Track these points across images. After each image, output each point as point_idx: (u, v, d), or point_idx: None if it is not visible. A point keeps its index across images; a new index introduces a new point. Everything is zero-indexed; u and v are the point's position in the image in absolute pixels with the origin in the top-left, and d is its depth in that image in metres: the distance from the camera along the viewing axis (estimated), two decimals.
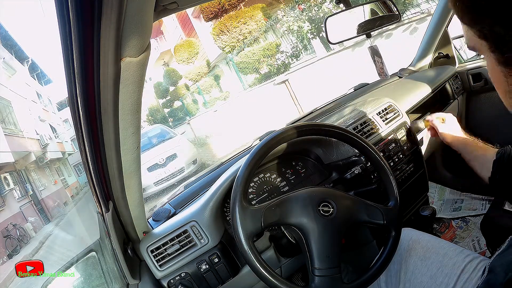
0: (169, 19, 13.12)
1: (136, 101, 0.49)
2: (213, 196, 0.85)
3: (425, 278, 0.71)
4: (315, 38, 6.07)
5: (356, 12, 1.08)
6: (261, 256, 0.65)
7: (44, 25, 34.37)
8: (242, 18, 7.63)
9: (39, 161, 13.57)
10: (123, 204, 0.70)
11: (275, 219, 0.68)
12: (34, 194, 12.14)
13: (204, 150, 8.72)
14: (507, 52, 0.35)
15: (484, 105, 1.48)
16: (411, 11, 5.06)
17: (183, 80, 12.43)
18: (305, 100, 5.72)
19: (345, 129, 0.80)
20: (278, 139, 0.74)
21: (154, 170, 5.70)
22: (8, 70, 13.43)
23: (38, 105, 16.84)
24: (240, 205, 0.67)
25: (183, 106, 12.53)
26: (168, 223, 0.87)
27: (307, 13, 5.88)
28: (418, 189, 1.23)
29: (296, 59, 6.68)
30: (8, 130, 11.50)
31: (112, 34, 0.36)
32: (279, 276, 0.64)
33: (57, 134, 18.45)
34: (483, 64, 1.42)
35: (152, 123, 15.08)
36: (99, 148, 0.53)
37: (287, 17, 6.20)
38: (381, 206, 0.73)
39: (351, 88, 1.52)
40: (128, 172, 0.62)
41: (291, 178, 1.02)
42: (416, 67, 1.58)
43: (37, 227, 10.55)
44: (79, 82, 0.40)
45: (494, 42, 0.35)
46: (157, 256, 0.81)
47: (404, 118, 1.15)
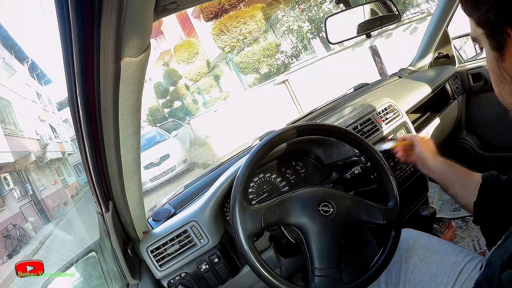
0: (169, 19, 13.11)
1: (136, 101, 0.49)
2: (213, 196, 0.85)
3: (424, 278, 0.71)
4: (315, 38, 6.07)
5: (356, 12, 1.08)
6: (261, 256, 0.65)
7: (44, 25, 34.43)
8: (242, 18, 7.62)
9: (39, 161, 13.56)
10: (123, 204, 0.70)
11: (275, 219, 0.68)
12: (34, 194, 12.14)
13: (204, 150, 8.72)
14: (498, 35, 0.40)
15: (484, 105, 1.48)
16: (411, 11, 5.06)
17: (183, 80, 12.42)
18: (305, 100, 5.72)
19: (345, 129, 0.80)
20: (278, 139, 0.74)
21: (149, 168, 6.57)
22: (8, 70, 13.43)
23: (38, 105, 16.84)
24: (240, 205, 0.67)
25: (183, 106, 12.54)
26: (168, 223, 0.87)
27: (307, 13, 5.88)
28: (418, 189, 1.23)
29: (296, 59, 6.68)
30: (8, 130, 11.50)
31: (112, 34, 0.36)
32: (279, 276, 0.64)
33: (57, 134, 18.45)
34: (483, 64, 1.42)
35: (152, 123, 15.08)
36: (99, 148, 0.53)
37: (287, 17, 6.19)
38: (381, 206, 0.73)
39: (351, 88, 1.52)
40: (128, 172, 0.62)
41: (291, 178, 1.02)
42: (416, 67, 1.58)
43: (37, 227, 10.54)
44: (79, 82, 0.40)
45: (489, 29, 0.40)
46: (157, 256, 0.81)
47: (404, 118, 1.15)
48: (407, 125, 1.15)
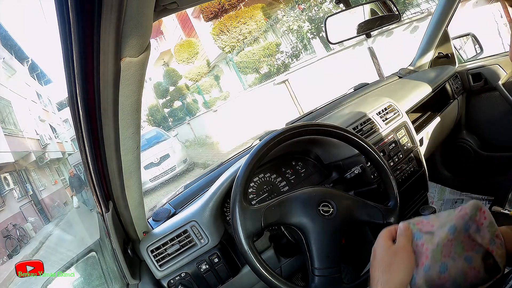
0: (169, 19, 13.10)
1: (136, 101, 0.49)
2: (213, 196, 0.85)
3: None
4: (315, 38, 6.07)
5: (356, 12, 1.08)
6: (261, 256, 0.65)
7: (44, 25, 34.41)
8: (242, 18, 7.62)
9: (39, 161, 13.56)
10: (123, 204, 0.70)
11: (275, 219, 0.68)
12: (34, 194, 12.13)
13: (204, 150, 8.72)
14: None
15: (484, 105, 1.48)
16: (411, 11, 5.06)
17: (183, 80, 12.41)
18: (305, 100, 5.72)
19: (345, 129, 0.80)
20: (278, 139, 0.74)
21: (149, 168, 6.58)
22: (8, 70, 13.42)
23: (38, 105, 16.82)
24: (240, 205, 0.67)
25: (183, 106, 12.53)
26: (168, 223, 0.87)
27: (307, 13, 5.87)
28: (418, 189, 1.23)
29: (296, 59, 6.68)
30: (8, 130, 11.49)
31: (112, 34, 0.36)
32: (279, 276, 0.64)
33: (57, 134, 18.43)
34: (483, 64, 1.42)
35: (152, 123, 15.08)
36: (99, 148, 0.53)
37: (287, 17, 6.19)
38: (381, 206, 0.73)
39: (351, 88, 1.52)
40: (128, 172, 0.62)
41: (291, 178, 1.02)
42: (416, 66, 1.58)
43: (37, 227, 10.54)
44: (79, 82, 0.40)
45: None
46: (157, 256, 0.81)
47: (404, 118, 1.15)
48: (407, 125, 1.15)
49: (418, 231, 0.49)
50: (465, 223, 0.45)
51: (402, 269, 0.46)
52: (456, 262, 0.44)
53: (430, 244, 0.46)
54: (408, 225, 0.50)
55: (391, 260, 0.48)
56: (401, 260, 0.47)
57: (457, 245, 0.45)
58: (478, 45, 1.54)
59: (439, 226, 0.47)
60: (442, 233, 0.46)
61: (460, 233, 0.45)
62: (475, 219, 0.45)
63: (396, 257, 0.48)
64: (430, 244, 0.46)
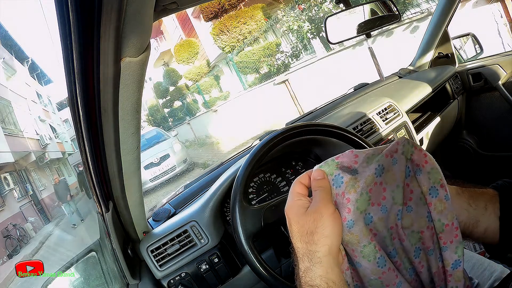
0: (169, 19, 13.10)
1: (136, 101, 0.49)
2: (213, 196, 0.85)
3: None
4: (315, 38, 6.07)
5: (356, 12, 1.08)
6: (261, 256, 0.65)
7: (44, 25, 34.39)
8: (242, 18, 7.62)
9: (39, 161, 13.56)
10: (123, 204, 0.70)
11: (275, 219, 0.68)
12: (34, 194, 12.14)
13: (204, 150, 8.72)
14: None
15: (484, 105, 1.48)
16: (411, 11, 5.06)
17: (183, 80, 12.41)
18: (305, 100, 5.72)
19: (345, 129, 0.80)
20: (278, 139, 0.74)
21: (149, 168, 6.57)
22: (8, 70, 13.42)
23: (38, 105, 16.83)
24: (240, 205, 0.67)
25: (183, 106, 12.54)
26: (168, 223, 0.87)
27: (307, 13, 5.87)
28: None
29: (296, 59, 6.68)
30: (8, 130, 11.50)
31: (112, 34, 0.36)
32: (279, 276, 0.64)
33: (57, 134, 18.44)
34: (483, 64, 1.42)
35: (152, 123, 15.08)
36: (99, 148, 0.53)
37: (287, 17, 6.19)
38: None
39: (351, 88, 1.52)
40: (128, 172, 0.62)
41: (291, 178, 1.02)
42: (416, 66, 1.58)
43: (37, 227, 10.54)
44: (79, 82, 0.40)
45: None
46: (157, 256, 0.81)
47: (404, 118, 1.15)
48: (407, 125, 1.15)
49: (338, 174, 0.39)
50: (395, 161, 0.37)
51: (328, 234, 0.36)
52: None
53: (353, 191, 0.37)
54: (323, 171, 0.39)
55: (311, 227, 0.37)
56: (322, 225, 0.37)
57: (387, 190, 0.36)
58: (478, 45, 1.54)
59: (364, 161, 0.38)
60: (368, 175, 0.37)
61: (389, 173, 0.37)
62: (412, 159, 0.37)
63: (317, 223, 0.37)
64: (352, 192, 0.37)
